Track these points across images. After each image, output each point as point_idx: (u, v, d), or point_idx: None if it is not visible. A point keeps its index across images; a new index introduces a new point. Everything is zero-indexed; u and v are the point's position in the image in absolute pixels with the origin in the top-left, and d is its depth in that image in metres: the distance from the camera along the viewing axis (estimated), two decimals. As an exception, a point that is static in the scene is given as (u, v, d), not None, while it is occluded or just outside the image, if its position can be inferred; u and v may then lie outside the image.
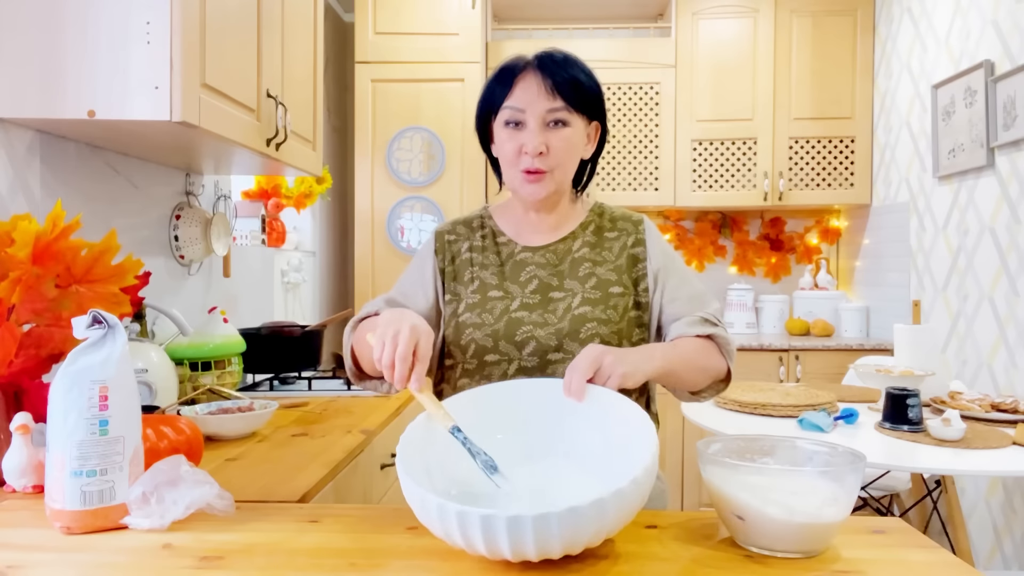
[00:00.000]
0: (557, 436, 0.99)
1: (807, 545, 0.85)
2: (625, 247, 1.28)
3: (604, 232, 1.30)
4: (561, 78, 1.19)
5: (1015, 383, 2.56)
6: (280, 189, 2.70)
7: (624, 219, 1.32)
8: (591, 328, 1.20)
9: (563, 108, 1.19)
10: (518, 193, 1.26)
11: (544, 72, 1.19)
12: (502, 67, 1.22)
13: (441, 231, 1.33)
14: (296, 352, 2.23)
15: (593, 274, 1.25)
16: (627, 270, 1.27)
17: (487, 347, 1.21)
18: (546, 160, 1.19)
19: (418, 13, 3.49)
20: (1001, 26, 2.65)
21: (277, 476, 1.27)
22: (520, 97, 1.19)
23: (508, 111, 1.20)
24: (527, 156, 1.19)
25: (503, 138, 1.22)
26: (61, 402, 0.93)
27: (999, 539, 2.65)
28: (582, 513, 0.75)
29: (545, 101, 1.18)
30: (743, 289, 3.82)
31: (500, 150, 1.23)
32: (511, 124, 1.20)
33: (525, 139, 1.19)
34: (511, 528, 0.74)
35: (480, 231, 1.32)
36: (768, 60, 3.65)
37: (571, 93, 1.19)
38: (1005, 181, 2.62)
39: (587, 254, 1.27)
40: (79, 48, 1.38)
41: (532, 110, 1.18)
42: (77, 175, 1.69)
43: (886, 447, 1.84)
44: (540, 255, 1.27)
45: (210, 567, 0.83)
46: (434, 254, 1.31)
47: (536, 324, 1.20)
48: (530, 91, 1.19)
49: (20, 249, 1.13)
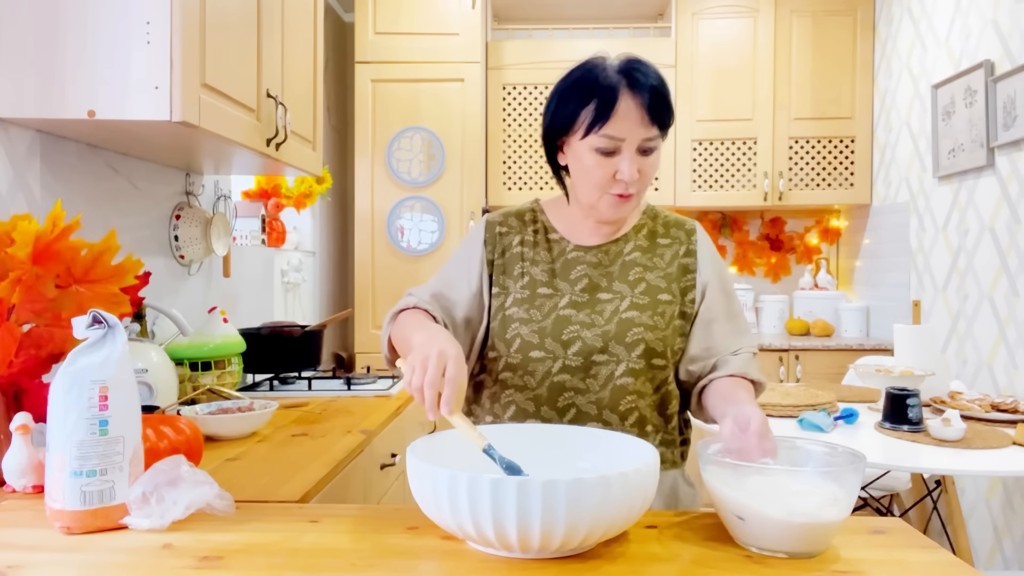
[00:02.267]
0: (570, 469, 1.00)
1: (807, 545, 0.85)
2: (677, 256, 1.27)
3: (657, 238, 1.29)
4: (655, 102, 1.14)
5: (1015, 383, 2.56)
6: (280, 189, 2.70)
7: (677, 226, 1.31)
8: (637, 333, 1.19)
9: (657, 136, 1.16)
10: (598, 210, 1.22)
11: (639, 94, 1.13)
12: (593, 85, 1.15)
13: (492, 221, 1.30)
14: (296, 352, 2.23)
15: (643, 279, 1.24)
16: (677, 279, 1.26)
17: (532, 343, 1.20)
18: (637, 184, 1.17)
19: (418, 13, 3.49)
20: (1001, 26, 2.65)
21: (277, 476, 1.27)
22: (619, 127, 1.13)
23: (605, 139, 1.14)
24: (622, 183, 1.16)
25: (593, 163, 1.16)
26: (61, 402, 0.93)
27: (999, 539, 2.65)
28: (587, 485, 0.78)
29: (643, 131, 1.14)
30: (743, 289, 3.83)
31: (588, 173, 1.18)
32: (604, 151, 1.15)
33: (621, 167, 1.15)
34: (520, 494, 0.76)
35: (532, 226, 1.30)
36: (768, 60, 3.65)
37: (664, 118, 1.16)
38: (1005, 181, 2.62)
39: (638, 258, 1.26)
40: (79, 48, 1.38)
41: (631, 139, 1.14)
42: (77, 175, 1.69)
43: (886, 447, 1.84)
44: (592, 255, 1.26)
45: (210, 567, 0.83)
46: (483, 244, 1.29)
47: (583, 324, 1.20)
48: (629, 120, 1.13)
49: (20, 249, 1.13)
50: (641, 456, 0.91)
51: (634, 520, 0.86)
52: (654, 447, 0.94)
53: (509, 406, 1.23)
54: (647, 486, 0.84)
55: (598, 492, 0.78)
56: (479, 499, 0.78)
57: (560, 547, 0.81)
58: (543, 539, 0.79)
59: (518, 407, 1.22)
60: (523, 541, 0.79)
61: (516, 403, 1.23)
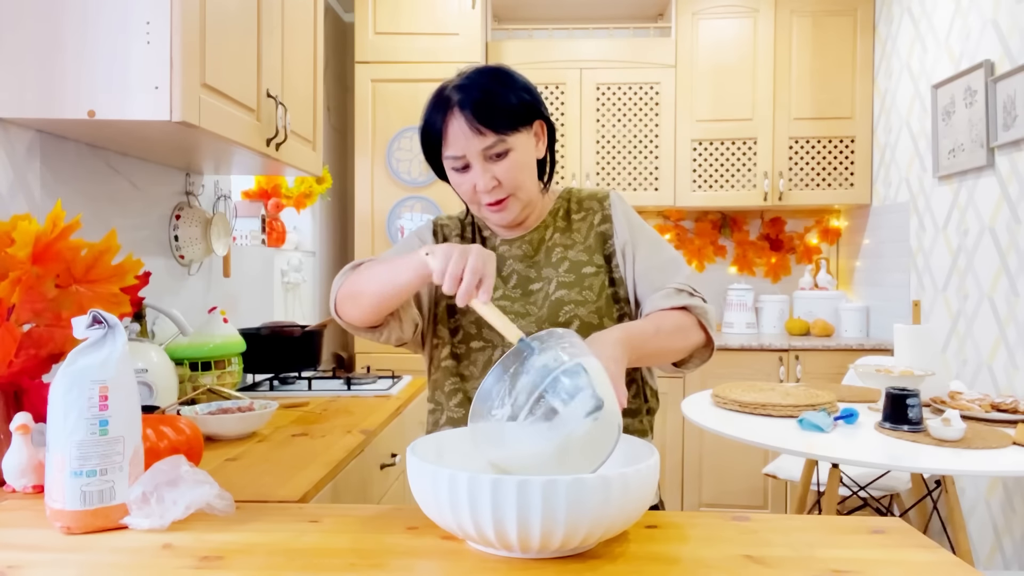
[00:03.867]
0: None
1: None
2: (593, 226, 1.30)
3: (572, 215, 1.33)
4: (485, 110, 1.16)
5: (1015, 383, 2.56)
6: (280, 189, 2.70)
7: (590, 198, 1.34)
8: (569, 311, 1.22)
9: (497, 141, 1.17)
10: (489, 220, 1.28)
11: (466, 110, 1.16)
12: (429, 107, 1.20)
13: (438, 221, 1.37)
14: (296, 352, 2.23)
15: (565, 258, 1.28)
16: (598, 248, 1.28)
17: (471, 333, 1.25)
18: (501, 190, 1.20)
19: (418, 13, 3.49)
20: (1001, 26, 2.65)
21: (277, 476, 1.27)
22: (454, 144, 1.17)
23: (450, 160, 1.20)
24: (483, 194, 1.20)
25: (456, 181, 1.22)
26: (61, 402, 0.93)
27: (999, 539, 2.65)
28: (587, 485, 0.78)
29: (478, 141, 1.16)
30: (743, 289, 3.82)
31: (457, 188, 1.24)
32: (457, 169, 1.20)
33: (475, 179, 1.19)
34: (520, 494, 0.76)
35: (469, 227, 1.35)
36: (768, 60, 3.65)
37: (500, 121, 1.16)
38: (1005, 181, 2.62)
39: (558, 239, 1.30)
40: (79, 48, 1.38)
41: (470, 153, 1.17)
42: (77, 175, 1.69)
43: (886, 447, 1.84)
44: (516, 247, 1.30)
45: (210, 567, 0.83)
46: (433, 236, 1.34)
47: (518, 314, 1.23)
48: (461, 136, 1.16)
49: (20, 249, 1.13)
50: (641, 456, 0.91)
51: (634, 520, 0.86)
52: (654, 447, 0.94)
53: (454, 394, 1.27)
54: (647, 486, 0.84)
55: (598, 492, 0.78)
56: (479, 499, 0.78)
57: (560, 547, 0.81)
58: (543, 539, 0.79)
59: (465, 395, 1.25)
60: (523, 541, 0.79)
61: (463, 391, 1.26)
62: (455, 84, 1.19)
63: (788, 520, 0.98)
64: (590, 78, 3.68)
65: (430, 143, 1.22)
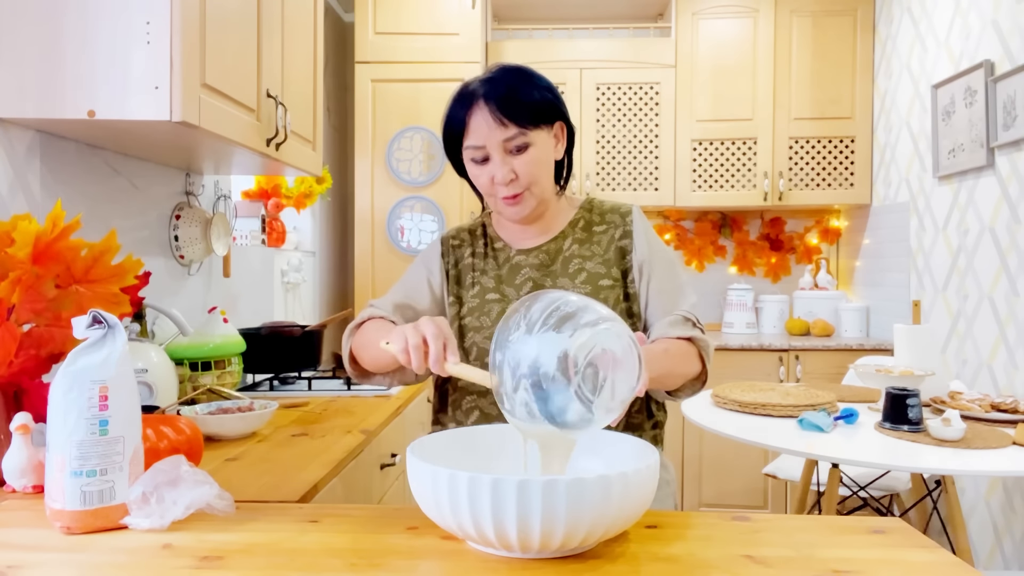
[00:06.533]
0: (570, 469, 0.99)
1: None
2: (613, 239, 1.32)
3: (593, 227, 1.34)
4: (509, 104, 1.20)
5: (1015, 383, 2.56)
6: (280, 189, 2.70)
7: (613, 211, 1.35)
8: None
9: (519, 133, 1.21)
10: (503, 214, 1.30)
11: (491, 102, 1.20)
12: (453, 101, 1.25)
13: (446, 237, 1.38)
14: (296, 352, 2.23)
15: (583, 269, 1.29)
16: (616, 262, 1.30)
17: (486, 350, 1.25)
18: (518, 184, 1.23)
19: (418, 13, 3.49)
20: (1001, 26, 2.65)
21: (277, 476, 1.27)
22: (476, 135, 1.22)
23: (470, 150, 1.23)
24: (500, 186, 1.23)
25: (475, 173, 1.26)
26: (61, 402, 0.93)
27: (999, 539, 2.65)
28: (587, 485, 0.78)
29: (499, 132, 1.20)
30: (743, 289, 3.82)
31: (475, 180, 1.27)
32: (477, 160, 1.24)
33: (493, 171, 1.22)
34: (520, 494, 0.76)
35: (481, 239, 1.36)
36: (768, 60, 3.65)
37: (522, 115, 1.21)
38: (1005, 181, 2.62)
39: (577, 251, 1.31)
40: (79, 48, 1.38)
41: (491, 144, 1.21)
42: (77, 175, 1.69)
43: (886, 447, 1.84)
44: (533, 256, 1.31)
45: (210, 567, 0.83)
46: (440, 257, 1.36)
47: None
48: (483, 127, 1.21)
49: (20, 249, 1.13)
50: (641, 456, 0.91)
51: (634, 520, 0.86)
52: (654, 447, 0.94)
53: (471, 412, 1.28)
54: (647, 486, 0.84)
55: (598, 492, 0.78)
56: (479, 499, 0.78)
57: (560, 547, 0.81)
58: (543, 539, 0.79)
59: (481, 412, 1.26)
60: (523, 541, 0.79)
61: (479, 408, 1.27)
62: (480, 79, 1.24)
63: (788, 520, 0.98)
64: (590, 78, 3.68)
65: (452, 136, 1.25)
